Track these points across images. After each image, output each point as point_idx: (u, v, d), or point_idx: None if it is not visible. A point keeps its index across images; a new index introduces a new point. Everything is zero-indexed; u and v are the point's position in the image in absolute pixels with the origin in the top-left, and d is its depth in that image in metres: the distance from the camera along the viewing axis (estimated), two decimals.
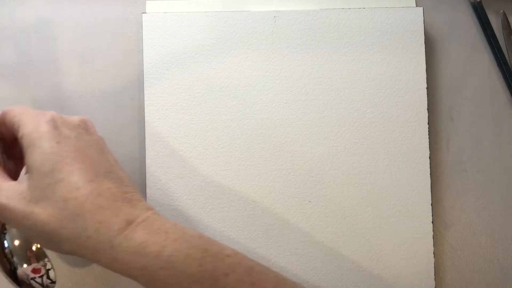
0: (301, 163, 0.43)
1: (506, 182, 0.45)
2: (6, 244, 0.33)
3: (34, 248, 0.33)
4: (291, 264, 0.42)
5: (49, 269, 0.33)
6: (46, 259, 0.34)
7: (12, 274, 0.33)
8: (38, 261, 0.33)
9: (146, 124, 0.43)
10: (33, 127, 0.32)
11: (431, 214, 0.42)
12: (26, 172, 0.32)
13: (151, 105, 0.43)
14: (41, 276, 0.33)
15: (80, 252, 0.31)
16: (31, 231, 0.31)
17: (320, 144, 0.43)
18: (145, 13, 0.44)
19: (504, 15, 0.46)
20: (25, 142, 0.31)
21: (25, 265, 0.33)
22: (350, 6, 0.45)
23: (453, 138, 0.45)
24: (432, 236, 0.42)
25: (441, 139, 0.45)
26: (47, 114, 0.33)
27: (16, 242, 0.33)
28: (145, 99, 0.43)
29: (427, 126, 0.43)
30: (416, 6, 0.45)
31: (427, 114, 0.43)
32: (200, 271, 0.30)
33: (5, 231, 0.33)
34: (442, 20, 0.46)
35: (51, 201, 0.30)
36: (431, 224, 0.42)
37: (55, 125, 0.32)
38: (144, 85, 0.43)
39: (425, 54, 0.44)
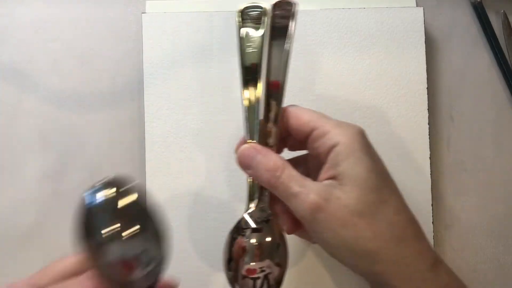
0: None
1: (506, 182, 0.45)
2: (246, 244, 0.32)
3: (263, 249, 0.32)
4: (291, 265, 0.42)
5: (267, 274, 0.32)
6: (268, 263, 0.32)
7: (228, 268, 0.32)
8: (262, 262, 0.32)
9: (146, 124, 0.43)
10: (350, 139, 0.31)
11: (431, 214, 0.42)
12: (332, 179, 0.31)
13: (151, 105, 0.43)
14: (253, 279, 0.32)
15: (389, 276, 0.30)
16: (343, 242, 0.30)
17: None
18: (145, 13, 0.44)
19: (505, 15, 0.46)
20: (341, 150, 0.30)
21: (250, 263, 0.32)
22: (351, 6, 0.44)
23: (453, 138, 0.45)
24: (432, 236, 0.42)
25: (441, 139, 0.45)
26: (355, 126, 0.32)
27: (254, 243, 0.32)
28: (145, 99, 0.43)
29: (428, 126, 0.43)
30: (417, 6, 0.45)
31: (428, 114, 0.43)
32: None
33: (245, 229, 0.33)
34: (442, 20, 0.46)
35: (376, 219, 0.30)
36: (431, 224, 0.42)
37: (366, 140, 0.32)
38: (144, 85, 0.43)
39: (426, 54, 0.44)
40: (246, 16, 0.33)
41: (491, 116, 0.45)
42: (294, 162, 0.33)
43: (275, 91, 0.33)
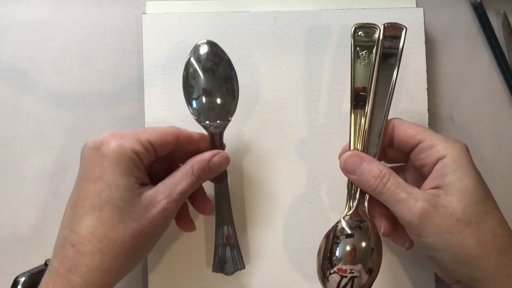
0: (301, 163, 0.43)
1: (506, 182, 0.45)
2: (337, 252, 0.34)
3: (356, 253, 0.34)
4: (292, 264, 0.42)
5: (354, 277, 0.34)
6: (360, 267, 0.34)
7: (321, 265, 0.35)
8: (354, 265, 0.34)
9: (146, 124, 0.43)
10: (457, 152, 0.33)
11: None
12: (437, 188, 0.33)
13: (151, 105, 0.43)
14: (341, 276, 0.34)
15: (487, 284, 0.32)
16: (448, 247, 0.32)
17: (321, 144, 0.43)
18: (145, 13, 0.44)
19: (505, 15, 0.46)
20: (449, 162, 0.33)
21: (339, 265, 0.34)
22: (351, 6, 0.45)
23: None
24: None
25: None
26: (460, 142, 0.34)
27: (348, 248, 0.34)
28: (145, 99, 0.43)
29: (428, 126, 0.43)
30: (417, 6, 0.45)
31: (428, 114, 0.43)
32: None
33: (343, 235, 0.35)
34: (442, 20, 0.46)
35: (481, 229, 0.32)
36: None
37: (470, 156, 0.34)
38: (144, 85, 0.43)
39: (426, 54, 0.44)
40: (358, 36, 0.37)
41: (491, 116, 0.45)
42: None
43: (381, 105, 0.36)
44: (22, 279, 0.33)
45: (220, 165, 0.37)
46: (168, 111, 0.43)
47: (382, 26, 0.36)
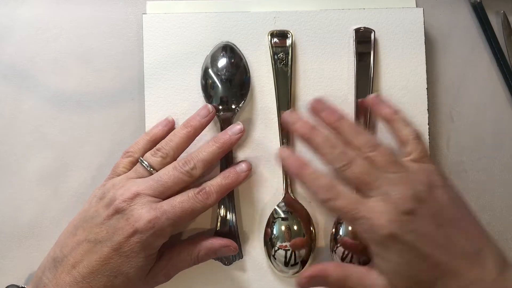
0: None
1: (506, 182, 0.45)
2: (275, 231, 0.42)
3: (292, 235, 0.42)
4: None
5: (294, 250, 0.41)
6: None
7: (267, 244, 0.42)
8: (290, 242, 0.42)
9: (146, 125, 0.43)
10: None
11: None
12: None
13: (151, 105, 0.43)
14: (285, 250, 0.41)
15: None
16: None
17: None
18: (146, 13, 0.44)
19: (504, 15, 0.46)
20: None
21: (280, 242, 0.42)
22: (350, 6, 0.45)
23: (453, 138, 0.45)
24: None
25: (441, 139, 0.45)
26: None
27: (282, 227, 0.42)
28: (145, 99, 0.43)
29: (427, 126, 0.43)
30: (416, 6, 0.45)
31: (427, 114, 0.43)
32: None
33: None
34: (442, 20, 0.46)
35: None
36: None
37: None
38: (144, 85, 0.43)
39: (425, 54, 0.44)
40: (275, 39, 0.44)
41: (491, 116, 0.45)
42: None
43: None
44: None
45: (225, 254, 0.41)
46: (168, 111, 0.43)
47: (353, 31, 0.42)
